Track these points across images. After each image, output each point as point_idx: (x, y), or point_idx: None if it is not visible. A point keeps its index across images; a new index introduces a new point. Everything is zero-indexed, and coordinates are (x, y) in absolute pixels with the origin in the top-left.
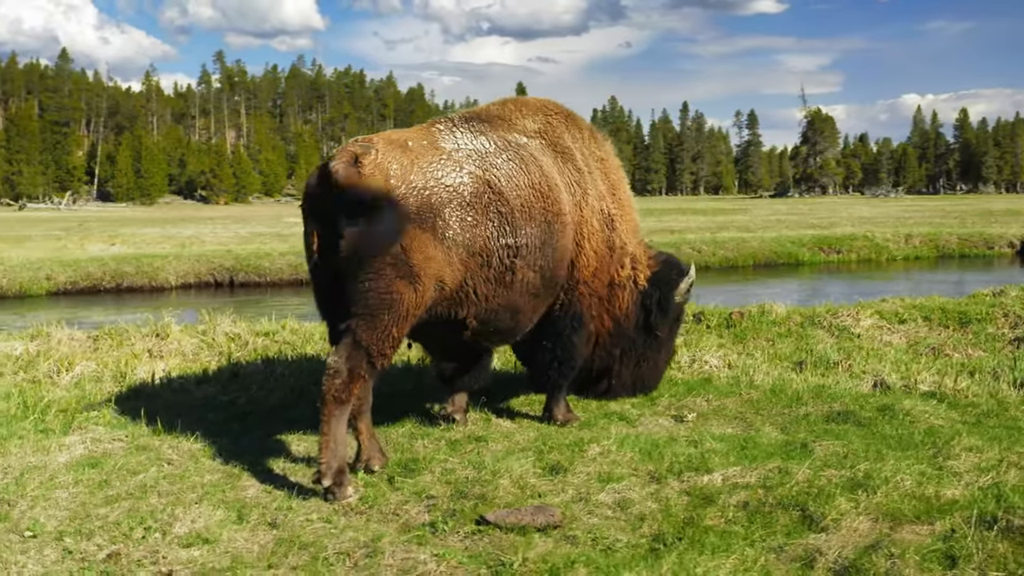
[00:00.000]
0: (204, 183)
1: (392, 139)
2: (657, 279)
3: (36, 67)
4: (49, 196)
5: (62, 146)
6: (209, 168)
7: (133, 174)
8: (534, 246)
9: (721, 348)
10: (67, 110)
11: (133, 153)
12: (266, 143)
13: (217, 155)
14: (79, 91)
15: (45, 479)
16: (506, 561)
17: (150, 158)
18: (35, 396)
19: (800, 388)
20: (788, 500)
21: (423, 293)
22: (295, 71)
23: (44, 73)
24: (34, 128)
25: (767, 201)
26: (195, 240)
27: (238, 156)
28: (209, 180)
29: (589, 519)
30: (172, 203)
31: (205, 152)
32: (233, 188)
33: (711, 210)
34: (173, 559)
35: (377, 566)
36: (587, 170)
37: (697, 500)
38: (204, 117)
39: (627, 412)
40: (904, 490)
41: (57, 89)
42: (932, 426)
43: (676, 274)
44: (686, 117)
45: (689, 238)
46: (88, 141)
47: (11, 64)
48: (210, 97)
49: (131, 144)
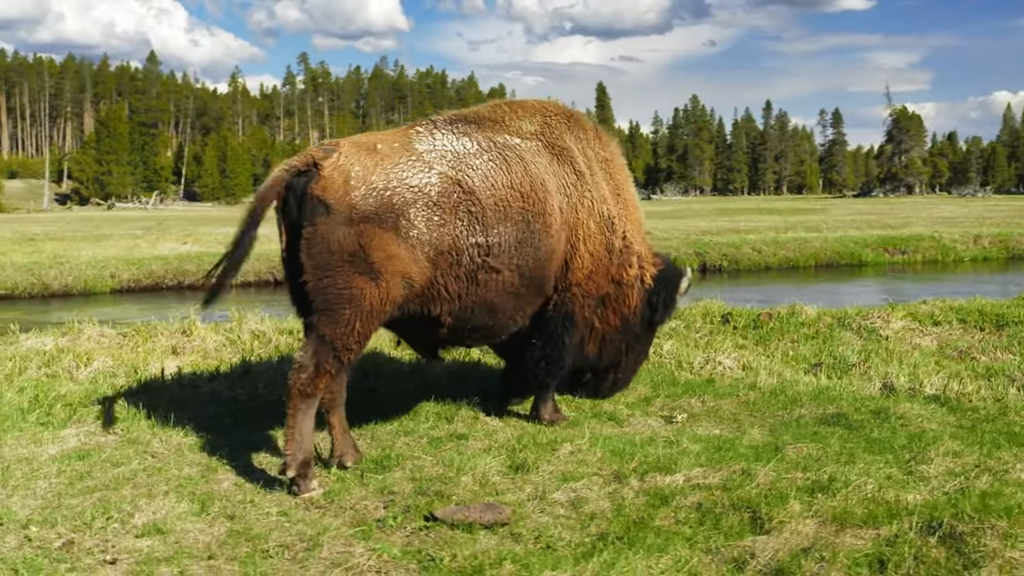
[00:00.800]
0: None
1: (360, 142)
2: (662, 278)
3: (127, 70)
4: (137, 196)
5: (150, 147)
6: None
7: (219, 174)
8: (509, 245)
9: (741, 349)
10: (155, 111)
11: (219, 153)
12: None
13: None
14: (167, 93)
15: (30, 470)
16: (436, 557)
17: (235, 158)
18: (48, 390)
19: (802, 390)
20: (742, 502)
21: (387, 290)
22: (378, 72)
23: (134, 75)
24: (123, 129)
25: (849, 201)
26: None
27: None
28: None
29: (539, 517)
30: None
31: (288, 152)
32: None
33: (788, 210)
34: (121, 548)
35: (311, 559)
36: (589, 172)
37: (653, 500)
38: (288, 118)
39: (618, 412)
40: (864, 494)
41: (146, 91)
42: (923, 430)
43: (677, 274)
44: (769, 116)
45: (751, 238)
46: (175, 142)
47: (103, 67)
48: (294, 98)
49: (217, 145)
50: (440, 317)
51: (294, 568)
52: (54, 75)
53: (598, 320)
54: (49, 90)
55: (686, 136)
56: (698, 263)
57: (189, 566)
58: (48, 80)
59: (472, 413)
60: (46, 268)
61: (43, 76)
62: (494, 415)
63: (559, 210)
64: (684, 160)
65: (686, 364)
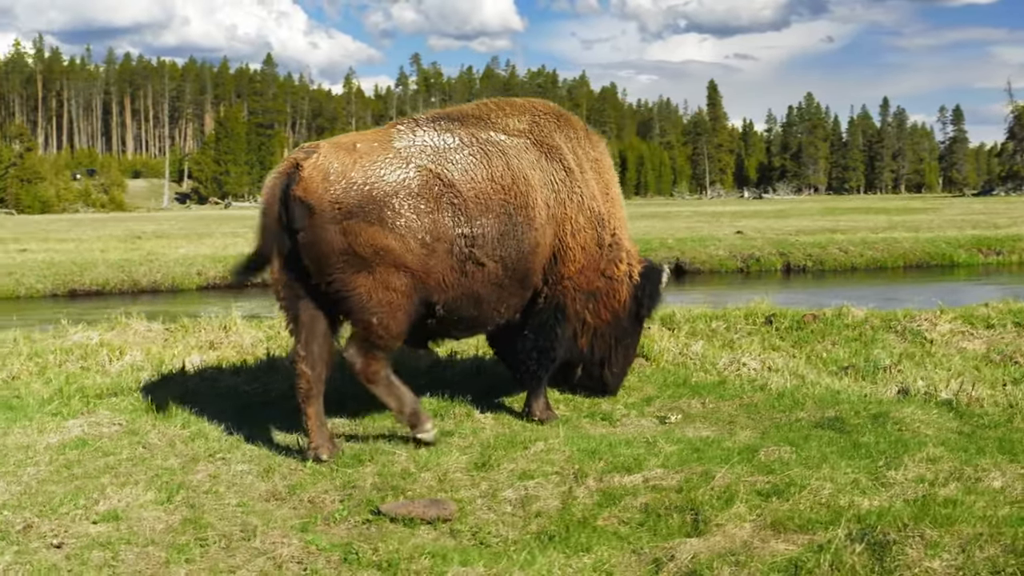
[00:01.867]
0: None
1: (339, 142)
2: (646, 273)
3: (245, 72)
4: (253, 195)
5: (266, 147)
6: None
7: None
8: (492, 237)
9: (774, 351)
10: (272, 113)
11: None
12: None
13: None
14: (284, 94)
15: (25, 457)
16: (359, 550)
17: None
18: (74, 382)
19: (811, 393)
20: (690, 503)
21: (389, 282)
22: (489, 72)
23: (252, 77)
24: (241, 130)
25: (967, 200)
26: None
27: None
28: None
29: (484, 514)
30: None
31: None
32: None
33: (898, 209)
34: (72, 532)
35: (241, 548)
36: (579, 170)
37: (603, 500)
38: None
39: (615, 412)
40: (818, 499)
41: (263, 92)
42: (915, 434)
43: (657, 270)
44: (886, 113)
45: (838, 238)
46: (291, 142)
47: (223, 69)
48: (406, 98)
49: None
50: (435, 307)
51: (220, 556)
52: (176, 78)
53: (589, 314)
54: (171, 92)
55: (800, 134)
56: (781, 263)
57: (124, 551)
58: (169, 83)
59: (466, 411)
60: (137, 265)
61: (165, 79)
62: (489, 413)
63: (544, 204)
64: (798, 158)
65: (709, 365)
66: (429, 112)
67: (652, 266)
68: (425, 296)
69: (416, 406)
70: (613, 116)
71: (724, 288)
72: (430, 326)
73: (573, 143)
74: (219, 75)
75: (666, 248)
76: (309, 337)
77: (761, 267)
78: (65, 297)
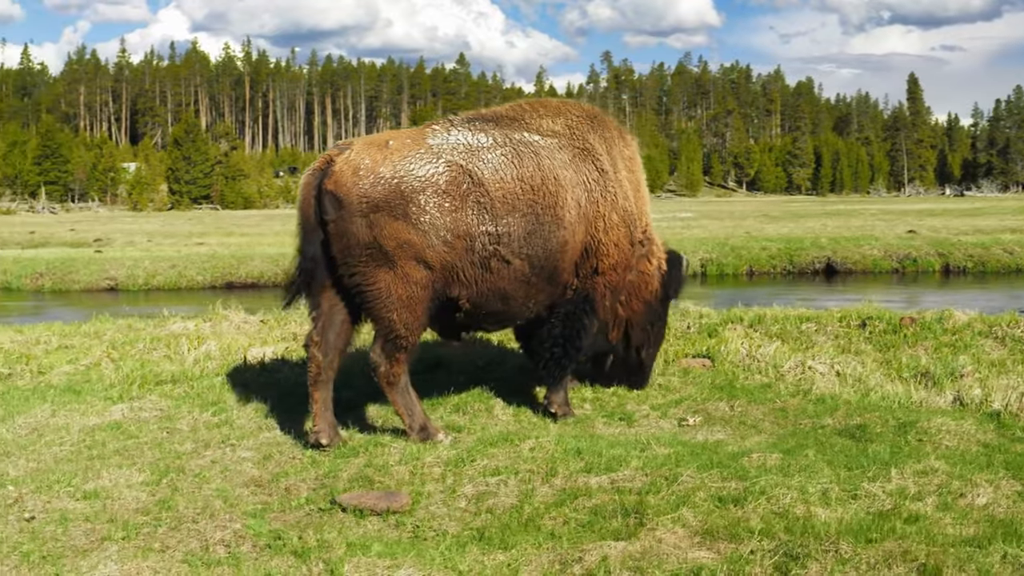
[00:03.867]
0: None
1: (373, 139)
2: (670, 260)
3: (441, 71)
4: None
5: None
6: None
7: None
8: (519, 235)
9: (853, 354)
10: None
11: None
12: (648, 140)
13: None
14: (476, 93)
15: (56, 437)
16: (286, 537)
17: None
18: (145, 369)
19: (849, 399)
20: (639, 506)
21: (408, 276)
22: (681, 68)
23: (447, 77)
24: None
25: None
26: None
27: None
28: None
29: (436, 508)
30: None
31: None
32: None
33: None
34: (50, 508)
35: (182, 529)
36: (612, 169)
37: (559, 500)
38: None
39: (637, 412)
40: (774, 507)
41: (456, 91)
42: (936, 445)
43: (678, 257)
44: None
45: (1005, 239)
46: None
47: (419, 69)
48: (596, 96)
49: None
50: (459, 301)
51: (160, 535)
52: (373, 78)
53: (621, 307)
54: (369, 92)
55: (1008, 129)
56: (940, 264)
57: (78, 526)
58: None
59: (487, 406)
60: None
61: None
62: (511, 409)
63: (576, 203)
64: (1005, 155)
65: (771, 368)
66: (465, 113)
67: (674, 254)
68: (447, 291)
69: (424, 421)
70: (808, 111)
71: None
72: (459, 319)
73: (608, 143)
74: (415, 75)
75: (817, 248)
76: (327, 325)
77: (918, 268)
78: (222, 289)
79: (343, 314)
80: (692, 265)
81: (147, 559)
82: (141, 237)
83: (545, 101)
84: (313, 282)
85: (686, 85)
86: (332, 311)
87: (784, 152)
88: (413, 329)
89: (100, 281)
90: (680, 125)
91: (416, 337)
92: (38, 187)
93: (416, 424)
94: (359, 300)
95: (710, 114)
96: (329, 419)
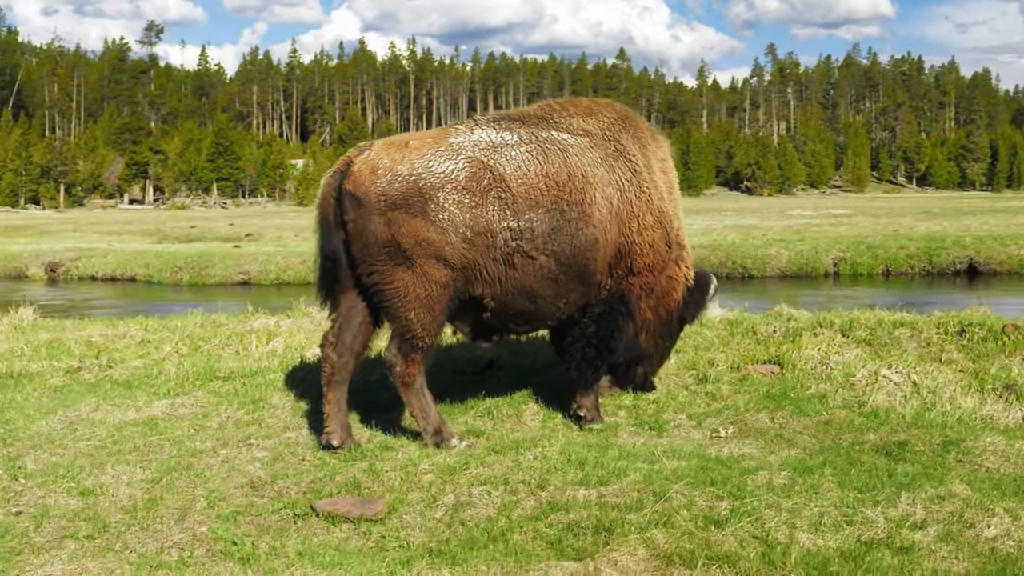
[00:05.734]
0: (750, 175)
1: (393, 140)
2: (697, 279)
3: (603, 67)
4: None
5: None
6: (754, 160)
7: (681, 166)
8: (542, 231)
9: (940, 363)
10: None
11: (681, 146)
12: (813, 134)
13: (762, 147)
14: (637, 88)
15: (89, 431)
16: (241, 543)
17: (697, 151)
18: (207, 364)
19: (903, 413)
20: (614, 523)
21: (427, 275)
22: (849, 60)
23: (609, 72)
24: None
25: None
26: None
27: (783, 147)
28: (754, 172)
29: (410, 518)
30: (717, 195)
31: (752, 144)
32: (777, 179)
33: None
34: (42, 503)
35: (151, 530)
36: (646, 170)
37: (538, 513)
38: (755, 110)
39: (673, 421)
40: (756, 530)
41: (615, 87)
42: (976, 467)
43: (706, 278)
44: None
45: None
46: None
47: (580, 65)
48: (760, 89)
49: (680, 138)
50: (483, 300)
51: (121, 535)
52: (535, 75)
53: (650, 311)
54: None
55: None
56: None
57: (53, 521)
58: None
59: (517, 411)
60: None
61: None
62: (543, 413)
63: (607, 201)
64: None
65: (840, 376)
66: (493, 113)
67: (703, 273)
68: (470, 289)
69: (439, 424)
70: (984, 104)
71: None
72: (486, 319)
73: (640, 143)
74: (577, 71)
75: (959, 247)
76: (344, 326)
77: None
78: None
79: (361, 316)
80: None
81: (97, 560)
82: (290, 232)
83: (575, 101)
84: (333, 284)
85: (854, 78)
86: (350, 313)
87: (957, 146)
88: (430, 329)
89: (234, 275)
90: (847, 119)
91: (433, 338)
92: (211, 183)
93: (431, 427)
94: (377, 299)
95: (879, 107)
96: (341, 420)
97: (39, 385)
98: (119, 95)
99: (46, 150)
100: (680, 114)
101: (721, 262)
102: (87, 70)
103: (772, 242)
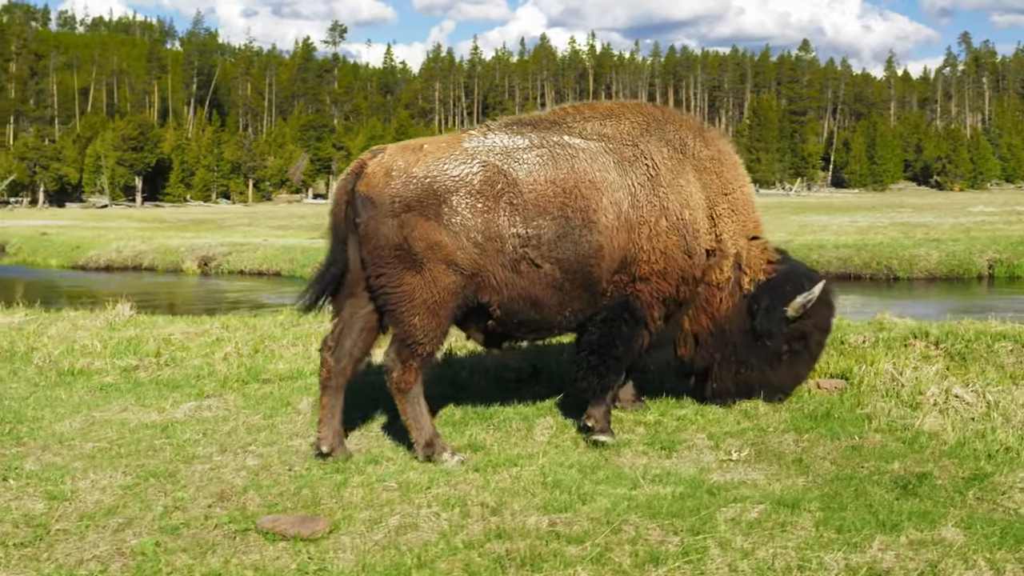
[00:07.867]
0: (940, 169)
1: (407, 144)
2: (768, 286)
3: (787, 59)
4: (783, 182)
5: (799, 134)
6: (945, 153)
7: (867, 160)
8: (548, 238)
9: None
10: (806, 99)
11: (867, 139)
12: (1009, 126)
13: (954, 140)
14: (821, 80)
15: (102, 432)
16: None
17: (884, 144)
18: (252, 364)
19: (946, 440)
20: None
21: (436, 280)
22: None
23: (793, 64)
24: (774, 117)
25: None
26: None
27: (976, 140)
28: (944, 166)
29: (348, 539)
30: (904, 189)
31: (943, 137)
32: (969, 174)
33: None
34: (13, 506)
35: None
36: (670, 174)
37: (481, 540)
38: (947, 101)
39: (686, 440)
40: (691, 572)
41: (798, 79)
42: (995, 506)
43: (792, 287)
44: None
45: None
46: (825, 128)
47: (763, 57)
48: (953, 80)
49: (866, 131)
50: (489, 307)
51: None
52: (715, 67)
53: (688, 320)
54: (711, 83)
55: None
56: None
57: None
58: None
59: (528, 424)
60: None
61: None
62: (557, 426)
63: (615, 208)
64: None
65: (908, 394)
66: (504, 118)
67: (787, 279)
68: (477, 296)
69: (432, 436)
70: None
71: None
72: (491, 328)
73: (672, 145)
74: (759, 63)
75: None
76: (344, 331)
77: None
78: None
79: (363, 322)
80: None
81: (15, 571)
82: None
83: (594, 104)
84: (338, 288)
85: None
86: (352, 319)
87: None
88: (433, 336)
89: None
90: None
91: (434, 346)
92: None
93: (423, 439)
94: (382, 302)
95: None
96: (334, 427)
97: (90, 383)
98: (305, 93)
99: (236, 147)
100: (867, 106)
101: (865, 263)
102: (278, 70)
103: (923, 241)
